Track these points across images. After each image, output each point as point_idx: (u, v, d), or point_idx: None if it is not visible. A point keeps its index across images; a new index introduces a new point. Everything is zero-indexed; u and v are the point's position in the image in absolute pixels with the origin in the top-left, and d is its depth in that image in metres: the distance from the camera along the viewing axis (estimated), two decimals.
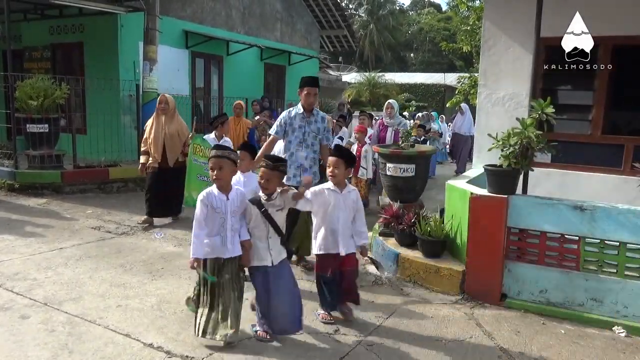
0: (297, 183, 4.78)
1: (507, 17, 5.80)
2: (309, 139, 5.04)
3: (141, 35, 9.76)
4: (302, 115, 5.03)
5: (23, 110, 8.33)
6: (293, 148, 5.02)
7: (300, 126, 5.03)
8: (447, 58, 41.79)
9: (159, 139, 6.37)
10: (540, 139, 4.13)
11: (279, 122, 5.10)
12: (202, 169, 6.09)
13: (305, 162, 5.04)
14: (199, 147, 6.26)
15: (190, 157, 6.26)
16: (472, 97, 12.02)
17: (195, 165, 6.25)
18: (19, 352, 3.29)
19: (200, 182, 6.10)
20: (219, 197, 3.49)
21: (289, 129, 5.04)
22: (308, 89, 4.98)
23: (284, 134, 5.07)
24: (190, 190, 6.19)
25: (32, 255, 5.27)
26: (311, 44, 17.07)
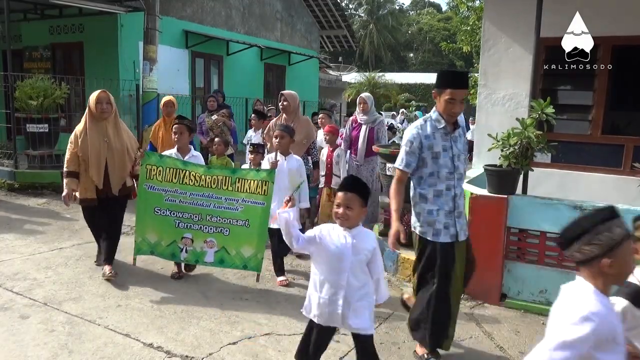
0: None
1: (507, 17, 5.80)
2: (460, 166, 3.29)
3: (141, 35, 9.74)
4: (443, 131, 3.22)
5: (23, 110, 8.33)
6: (441, 184, 3.23)
7: (445, 148, 3.21)
8: (447, 58, 41.77)
9: (100, 156, 4.46)
10: (540, 139, 4.13)
11: (409, 148, 3.22)
12: (161, 199, 4.35)
13: (461, 201, 3.31)
14: (155, 167, 4.37)
15: (142, 184, 4.38)
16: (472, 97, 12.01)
17: (151, 194, 4.38)
18: (19, 352, 3.29)
19: (158, 218, 4.39)
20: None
21: (426, 155, 3.22)
22: (455, 92, 3.16)
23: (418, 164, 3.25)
24: (144, 231, 4.43)
25: (32, 255, 5.27)
26: (311, 44, 17.07)
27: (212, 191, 4.33)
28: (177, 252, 4.43)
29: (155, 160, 4.41)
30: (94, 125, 4.49)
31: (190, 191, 4.33)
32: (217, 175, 4.35)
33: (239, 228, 4.33)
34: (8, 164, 8.76)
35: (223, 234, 4.36)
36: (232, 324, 3.80)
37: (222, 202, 4.34)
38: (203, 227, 4.36)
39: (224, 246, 4.37)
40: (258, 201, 4.28)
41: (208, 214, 4.36)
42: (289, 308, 4.11)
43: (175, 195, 4.36)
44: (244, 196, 4.30)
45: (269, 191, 4.26)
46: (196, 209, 4.35)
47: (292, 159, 4.65)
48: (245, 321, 3.86)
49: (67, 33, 11.15)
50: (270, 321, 3.88)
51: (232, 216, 4.33)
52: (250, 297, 4.35)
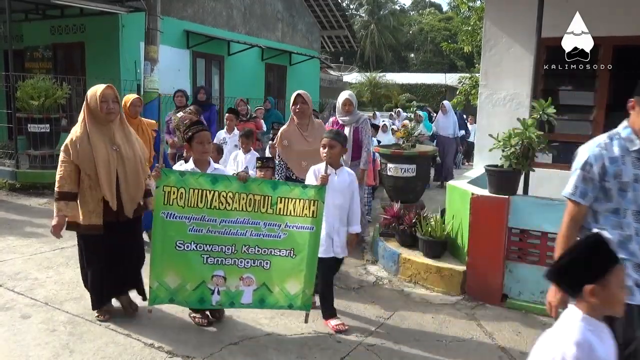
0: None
1: (508, 17, 5.80)
2: None
3: (142, 36, 9.74)
4: (637, 155, 2.43)
5: (24, 110, 8.34)
6: (630, 226, 2.40)
7: (638, 178, 2.40)
8: (448, 58, 41.78)
9: (110, 168, 3.49)
10: (541, 140, 4.13)
11: (587, 173, 2.49)
12: (184, 230, 3.39)
13: None
14: (175, 190, 3.37)
15: (159, 212, 3.38)
16: (473, 97, 12.02)
17: (171, 225, 3.38)
18: (20, 352, 3.30)
19: (181, 255, 3.42)
20: None
21: (611, 185, 2.42)
22: None
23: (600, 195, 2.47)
24: (162, 274, 3.43)
25: (33, 255, 5.28)
26: (312, 44, 17.07)
27: (248, 215, 3.45)
28: (207, 296, 3.49)
29: (174, 179, 3.35)
30: (97, 130, 3.47)
31: (222, 217, 3.41)
32: (254, 194, 3.45)
33: (283, 259, 3.52)
34: (9, 164, 8.78)
35: (263, 268, 3.51)
36: (233, 324, 3.80)
37: (261, 228, 3.47)
38: (238, 261, 3.48)
39: (264, 282, 3.54)
40: (305, 225, 3.50)
41: (244, 245, 3.46)
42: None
43: (202, 223, 3.39)
44: (287, 220, 3.50)
45: (319, 212, 3.50)
46: (229, 239, 3.44)
47: (344, 173, 3.84)
48: (246, 321, 3.86)
49: (69, 33, 11.16)
50: (271, 321, 3.88)
51: (274, 245, 3.50)
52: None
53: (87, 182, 3.47)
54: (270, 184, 3.55)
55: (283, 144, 4.58)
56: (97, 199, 3.48)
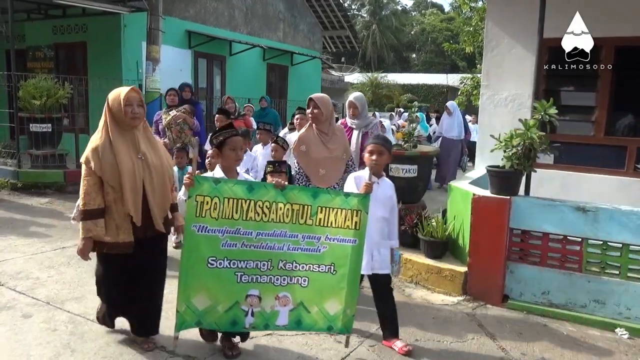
0: None
1: (510, 17, 5.80)
2: None
3: (144, 35, 9.75)
4: None
5: (26, 109, 8.36)
6: None
7: None
8: (449, 59, 41.75)
9: (136, 179, 3.12)
10: (543, 140, 4.13)
11: None
12: (217, 245, 3.03)
13: None
14: (209, 200, 2.99)
15: (190, 225, 2.99)
16: (475, 97, 12.02)
17: (203, 239, 3.01)
18: (22, 351, 3.30)
19: (213, 272, 3.04)
20: None
21: None
22: None
23: None
24: (191, 294, 3.05)
25: (35, 254, 5.28)
26: (314, 45, 17.07)
27: (285, 227, 3.09)
28: (240, 318, 3.11)
29: (208, 188, 2.96)
30: (120, 137, 3.11)
31: (258, 230, 3.05)
32: (293, 203, 3.09)
33: (322, 276, 3.15)
34: (11, 164, 8.79)
35: (300, 286, 3.15)
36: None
37: (300, 241, 3.11)
38: (274, 278, 3.12)
39: (301, 302, 3.17)
40: (347, 238, 3.15)
41: (281, 260, 3.11)
42: None
43: (237, 237, 3.02)
44: (328, 232, 3.14)
45: (362, 224, 3.15)
46: (265, 254, 3.08)
47: (386, 183, 3.62)
48: None
49: (71, 33, 11.18)
50: None
51: (313, 260, 3.14)
52: None
53: (112, 196, 3.06)
54: (309, 192, 3.16)
55: (301, 150, 4.23)
56: (124, 213, 3.08)
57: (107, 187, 3.06)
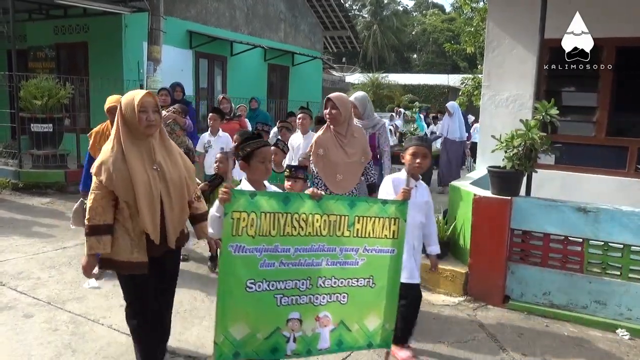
0: None
1: (511, 18, 5.80)
2: None
3: (145, 36, 9.77)
4: None
5: (27, 109, 8.37)
6: None
7: None
8: (450, 59, 41.74)
9: (152, 194, 2.82)
10: (544, 141, 4.13)
11: None
12: (255, 266, 2.68)
13: None
14: (246, 216, 2.61)
15: (227, 246, 2.59)
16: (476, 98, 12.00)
17: (241, 261, 2.64)
18: (22, 351, 3.31)
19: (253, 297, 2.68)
20: None
21: None
22: None
23: None
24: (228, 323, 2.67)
25: (36, 254, 5.29)
26: (315, 45, 17.08)
27: (323, 241, 2.84)
28: (281, 345, 2.81)
29: (244, 203, 2.62)
30: (133, 147, 2.80)
31: (295, 245, 2.78)
32: (330, 214, 2.84)
33: (361, 290, 2.93)
34: (12, 164, 8.80)
35: (340, 303, 2.91)
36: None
37: (337, 255, 2.88)
38: (313, 297, 2.85)
39: (342, 320, 2.93)
40: (385, 248, 2.96)
41: (319, 277, 2.85)
42: None
43: (275, 255, 2.72)
44: (366, 243, 2.92)
45: (400, 232, 2.97)
46: (304, 272, 2.81)
47: (422, 186, 3.48)
48: None
49: (72, 33, 11.20)
50: None
51: (352, 274, 2.91)
52: None
53: (127, 212, 2.77)
54: (346, 201, 2.93)
55: (318, 153, 3.98)
56: (139, 230, 2.80)
57: (122, 203, 2.76)
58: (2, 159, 9.15)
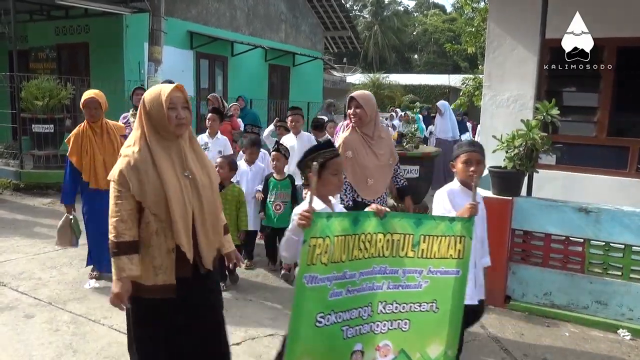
0: None
1: (511, 18, 5.79)
2: None
3: (146, 36, 9.77)
4: None
5: (28, 110, 8.38)
6: None
7: None
8: (451, 59, 41.72)
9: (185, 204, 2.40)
10: (545, 141, 4.12)
11: None
12: (325, 296, 2.37)
13: None
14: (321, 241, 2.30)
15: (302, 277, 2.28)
16: (477, 98, 12.00)
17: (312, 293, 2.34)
18: (24, 351, 3.31)
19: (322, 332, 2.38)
20: None
21: None
22: None
23: None
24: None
25: (37, 254, 5.29)
26: (315, 45, 17.08)
27: (385, 262, 2.53)
28: None
29: (322, 227, 2.32)
30: (162, 150, 2.40)
31: (361, 270, 2.48)
32: (394, 233, 2.54)
33: (424, 315, 2.64)
34: (13, 164, 8.81)
35: (401, 330, 2.61)
36: (236, 325, 3.79)
37: (400, 277, 2.58)
38: (374, 325, 2.55)
39: (402, 349, 2.65)
40: (450, 269, 2.66)
41: (380, 302, 2.54)
42: None
43: (343, 282, 2.42)
44: (431, 264, 2.63)
45: (466, 252, 2.66)
46: (365, 298, 2.51)
47: (478, 196, 2.99)
48: (249, 322, 3.86)
49: (73, 34, 11.21)
50: (274, 322, 3.88)
51: (414, 298, 2.61)
52: (254, 298, 4.36)
53: (154, 226, 2.33)
54: (412, 218, 2.63)
55: (347, 156, 3.67)
56: (166, 248, 2.36)
57: (148, 215, 2.33)
58: (4, 159, 9.16)
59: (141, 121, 2.42)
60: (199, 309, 2.49)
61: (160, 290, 2.36)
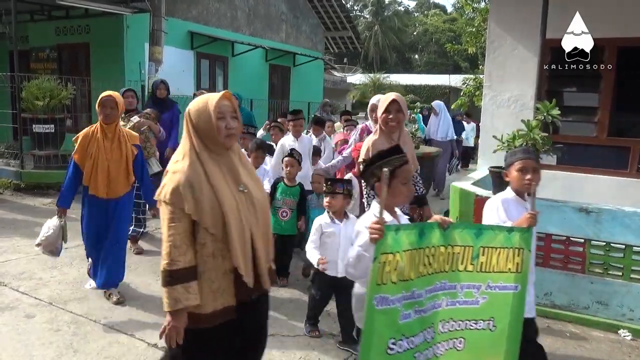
0: None
1: (512, 18, 5.79)
2: None
3: (147, 36, 9.79)
4: None
5: (29, 110, 8.38)
6: None
7: None
8: (452, 59, 41.71)
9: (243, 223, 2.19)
10: (546, 141, 4.12)
11: None
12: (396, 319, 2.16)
13: None
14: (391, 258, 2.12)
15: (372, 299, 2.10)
16: (477, 98, 11.99)
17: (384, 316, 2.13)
18: (24, 351, 3.31)
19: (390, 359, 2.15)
20: None
21: None
22: None
23: None
24: None
25: (38, 254, 5.28)
26: (316, 45, 17.08)
27: (445, 277, 2.34)
28: None
29: (392, 241, 2.13)
30: (214, 164, 2.20)
31: (426, 287, 2.27)
32: (454, 246, 2.34)
33: (480, 334, 2.43)
34: (14, 164, 8.81)
35: (455, 349, 2.40)
36: None
37: (457, 293, 2.38)
38: (436, 347, 2.34)
39: None
40: (508, 284, 2.46)
41: (441, 321, 2.34)
42: (293, 310, 4.11)
43: (411, 303, 2.21)
44: (490, 279, 2.43)
45: (525, 265, 2.50)
46: (430, 319, 2.29)
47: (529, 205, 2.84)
48: None
49: (74, 34, 11.21)
50: (274, 322, 3.87)
51: (471, 315, 2.41)
52: None
53: (211, 247, 2.13)
54: (473, 229, 2.43)
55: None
56: (223, 270, 2.16)
57: (205, 236, 2.12)
58: (4, 159, 9.16)
59: (189, 134, 2.23)
60: (253, 332, 2.35)
61: (221, 314, 2.16)
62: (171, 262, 2.06)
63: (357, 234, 2.27)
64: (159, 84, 7.11)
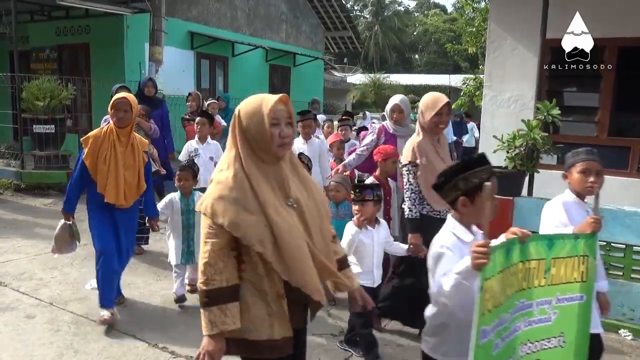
0: None
1: (512, 18, 5.80)
2: None
3: (147, 37, 9.80)
4: None
5: (29, 110, 8.39)
6: None
7: None
8: (452, 59, 41.72)
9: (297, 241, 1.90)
10: (546, 141, 4.13)
11: None
12: (490, 351, 1.89)
13: None
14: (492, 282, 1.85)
15: (478, 330, 1.80)
16: (478, 98, 11.99)
17: (480, 351, 1.83)
18: (25, 351, 3.31)
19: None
20: None
21: None
22: None
23: None
24: None
25: (38, 255, 5.30)
26: (316, 45, 17.09)
27: (523, 296, 2.09)
28: None
29: (501, 262, 1.93)
30: (262, 174, 1.95)
31: (510, 309, 2.03)
32: (530, 260, 2.09)
33: (552, 353, 2.21)
34: (15, 165, 8.81)
35: None
36: None
37: (533, 312, 2.14)
38: None
39: None
40: (574, 295, 2.25)
41: (521, 344, 2.10)
42: None
43: (499, 331, 1.97)
44: (559, 291, 2.21)
45: (590, 274, 2.26)
46: (511, 344, 2.06)
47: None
48: None
49: (74, 34, 11.22)
50: None
51: (544, 334, 2.18)
52: None
53: (262, 268, 1.91)
54: (545, 240, 2.19)
55: (422, 163, 3.43)
56: (275, 292, 1.93)
57: (253, 255, 1.89)
58: (5, 160, 9.16)
59: (235, 139, 1.98)
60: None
61: (279, 346, 1.91)
62: (206, 280, 1.86)
63: (437, 257, 1.99)
64: (147, 81, 6.81)
